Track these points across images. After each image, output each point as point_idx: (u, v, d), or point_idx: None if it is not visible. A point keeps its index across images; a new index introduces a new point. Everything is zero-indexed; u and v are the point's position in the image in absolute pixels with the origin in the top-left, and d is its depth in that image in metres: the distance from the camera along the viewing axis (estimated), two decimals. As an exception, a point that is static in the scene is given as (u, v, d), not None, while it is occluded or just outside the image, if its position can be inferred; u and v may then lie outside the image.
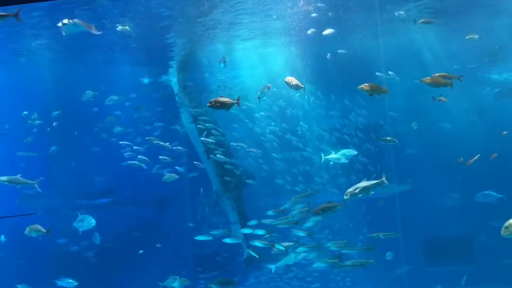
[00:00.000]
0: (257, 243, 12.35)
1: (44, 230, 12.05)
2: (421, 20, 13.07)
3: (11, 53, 16.74)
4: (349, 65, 15.40)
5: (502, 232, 7.87)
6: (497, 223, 8.34)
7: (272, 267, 13.73)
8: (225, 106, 9.03)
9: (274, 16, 14.32)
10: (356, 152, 12.68)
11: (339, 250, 12.20)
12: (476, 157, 12.93)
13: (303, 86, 10.77)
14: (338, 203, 10.56)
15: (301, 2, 13.50)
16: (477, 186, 15.04)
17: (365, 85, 9.39)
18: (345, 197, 9.58)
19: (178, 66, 17.93)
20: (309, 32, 14.13)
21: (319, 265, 12.81)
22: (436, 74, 9.89)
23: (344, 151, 12.39)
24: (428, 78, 9.76)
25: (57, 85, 18.21)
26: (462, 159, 13.04)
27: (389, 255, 14.65)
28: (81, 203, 18.14)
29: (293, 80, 10.76)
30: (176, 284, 12.84)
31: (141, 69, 18.64)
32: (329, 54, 14.83)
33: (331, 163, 13.13)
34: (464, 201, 15.64)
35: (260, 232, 12.65)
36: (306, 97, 16.70)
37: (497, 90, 17.12)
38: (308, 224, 12.54)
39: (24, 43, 15.74)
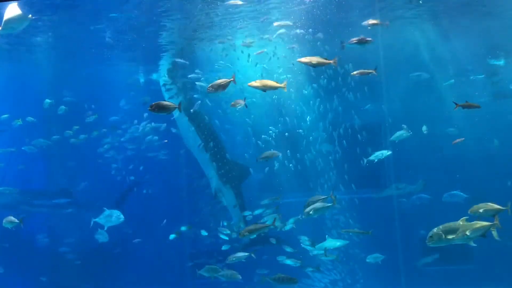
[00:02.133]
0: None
1: (16, 220, 11.80)
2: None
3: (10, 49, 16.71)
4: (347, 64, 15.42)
5: (427, 241, 7.99)
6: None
7: (311, 248, 13.60)
8: (166, 110, 9.12)
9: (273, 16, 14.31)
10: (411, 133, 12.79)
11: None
12: None
13: (231, 79, 9.64)
14: (266, 224, 10.92)
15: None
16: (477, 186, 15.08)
17: (256, 82, 9.31)
18: (302, 217, 10.27)
19: (172, 62, 17.74)
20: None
21: (290, 262, 13.07)
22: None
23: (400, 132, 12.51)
24: (306, 57, 9.73)
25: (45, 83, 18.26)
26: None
27: (371, 258, 14.26)
28: (40, 202, 18.07)
29: (214, 85, 9.60)
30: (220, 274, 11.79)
31: (136, 68, 18.47)
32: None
33: (375, 161, 13.04)
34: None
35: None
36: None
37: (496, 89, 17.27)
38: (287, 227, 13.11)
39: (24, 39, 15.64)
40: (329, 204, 10.00)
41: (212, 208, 17.54)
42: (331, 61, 9.80)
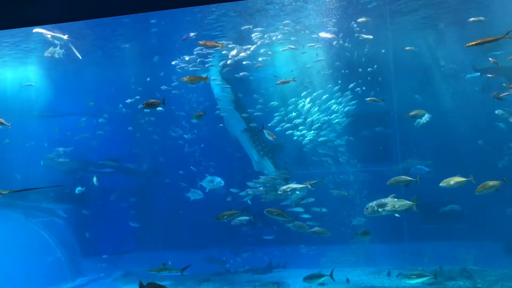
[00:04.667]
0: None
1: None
2: None
3: (104, 53, 19.50)
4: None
5: (364, 212, 9.91)
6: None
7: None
8: (153, 106, 10.19)
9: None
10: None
11: None
12: None
13: (161, 101, 10.65)
14: (238, 210, 11.64)
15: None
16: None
17: (186, 77, 10.85)
18: (279, 191, 11.91)
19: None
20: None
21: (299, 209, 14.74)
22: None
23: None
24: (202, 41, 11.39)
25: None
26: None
27: (355, 221, 15.62)
28: (92, 168, 20.34)
29: (146, 102, 10.67)
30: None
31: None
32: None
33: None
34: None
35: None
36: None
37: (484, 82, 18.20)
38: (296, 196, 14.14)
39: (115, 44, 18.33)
40: (303, 185, 11.41)
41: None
42: (219, 45, 11.17)
